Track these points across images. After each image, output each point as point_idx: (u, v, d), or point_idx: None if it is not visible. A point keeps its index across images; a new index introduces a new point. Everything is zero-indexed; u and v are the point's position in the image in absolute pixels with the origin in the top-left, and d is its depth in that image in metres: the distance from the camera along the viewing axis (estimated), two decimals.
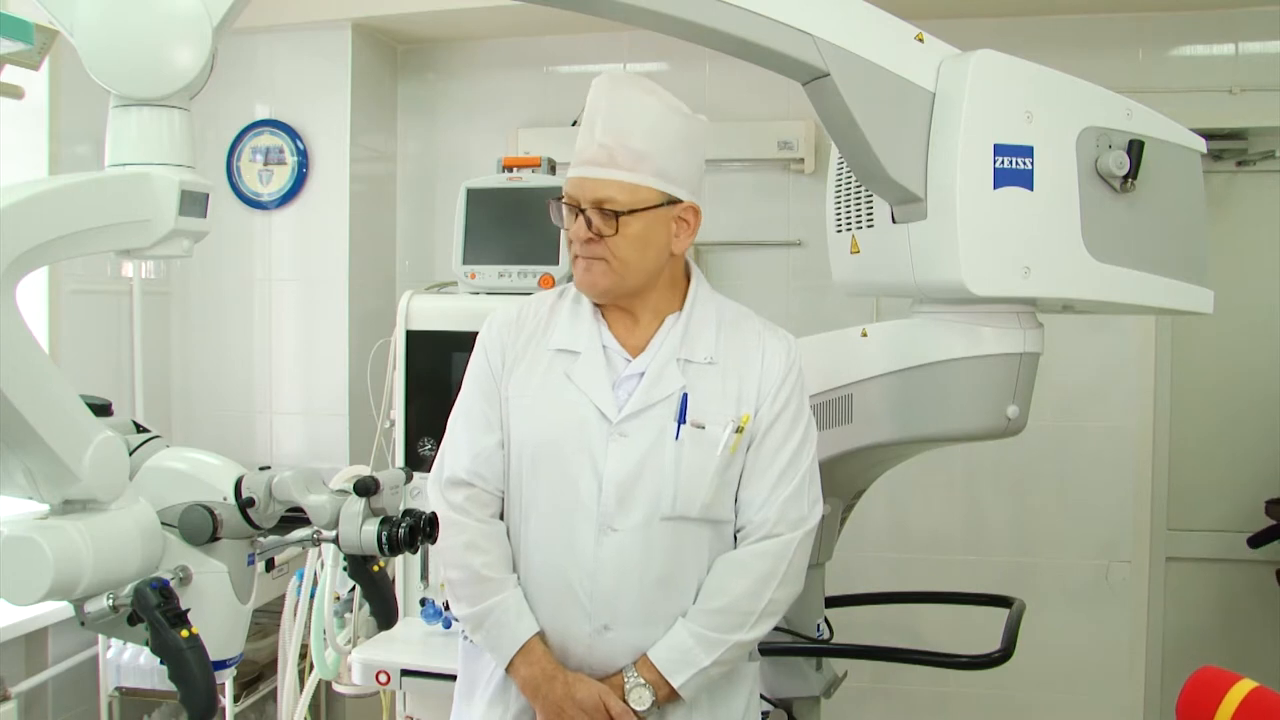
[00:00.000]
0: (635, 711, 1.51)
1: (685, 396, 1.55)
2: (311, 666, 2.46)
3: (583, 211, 1.54)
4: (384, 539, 1.22)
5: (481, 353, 1.68)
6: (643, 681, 1.52)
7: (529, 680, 1.55)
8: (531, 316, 1.67)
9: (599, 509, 1.53)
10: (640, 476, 1.53)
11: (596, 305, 1.64)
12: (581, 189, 1.55)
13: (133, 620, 1.10)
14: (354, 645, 2.38)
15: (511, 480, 1.62)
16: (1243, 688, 1.40)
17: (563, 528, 1.55)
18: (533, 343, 1.64)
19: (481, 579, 1.57)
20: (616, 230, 1.53)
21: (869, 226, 1.91)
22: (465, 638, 1.70)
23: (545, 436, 1.57)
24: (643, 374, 1.57)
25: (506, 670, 1.57)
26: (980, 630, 2.23)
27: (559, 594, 1.55)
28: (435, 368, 2.44)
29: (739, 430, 1.55)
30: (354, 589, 2.35)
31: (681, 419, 1.54)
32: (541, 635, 1.56)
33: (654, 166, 1.54)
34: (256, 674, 2.95)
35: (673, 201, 1.57)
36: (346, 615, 2.45)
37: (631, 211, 1.53)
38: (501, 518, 1.64)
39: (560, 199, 1.60)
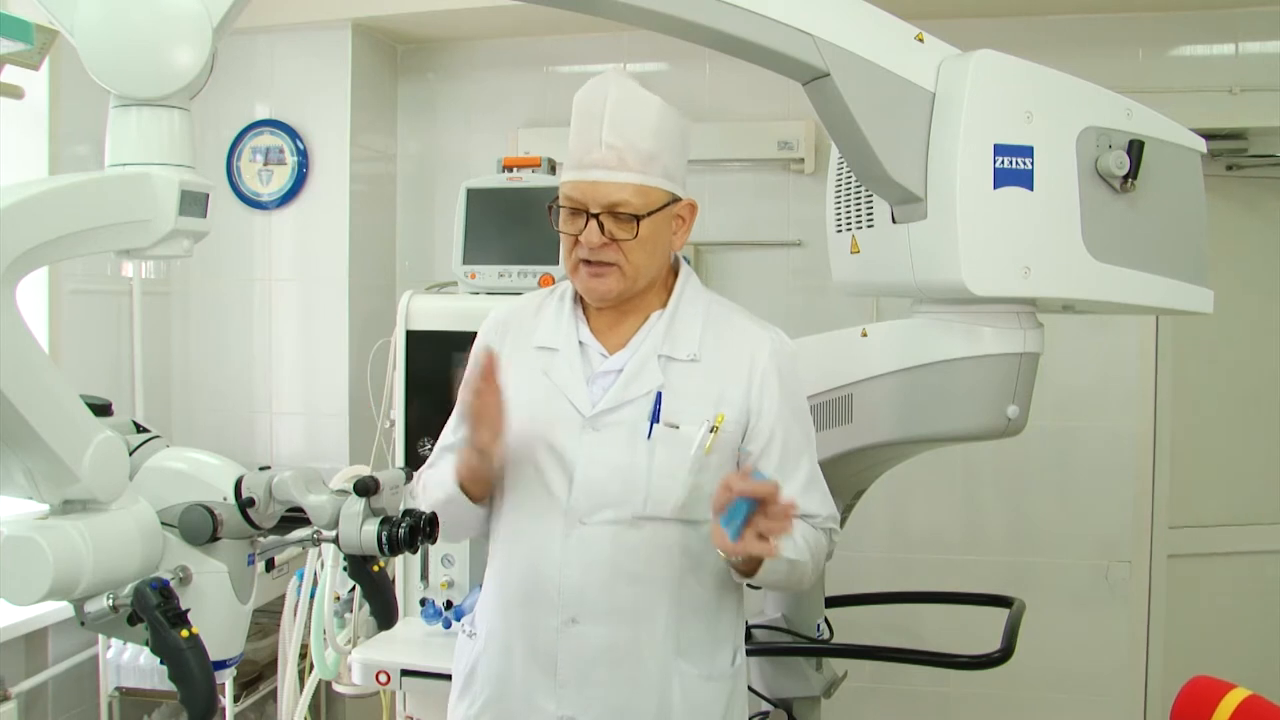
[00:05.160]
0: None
1: (659, 395, 1.54)
2: (311, 666, 2.46)
3: (594, 216, 1.51)
4: (384, 539, 1.22)
5: (475, 350, 1.67)
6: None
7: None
8: (517, 317, 1.67)
9: (569, 503, 1.53)
10: (611, 474, 1.53)
11: (577, 302, 1.63)
12: (592, 193, 1.51)
13: (133, 620, 1.10)
14: (354, 645, 2.38)
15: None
16: (1235, 696, 1.41)
17: (534, 520, 1.56)
18: (519, 342, 1.64)
19: (439, 481, 1.61)
20: (636, 234, 1.51)
21: (869, 226, 1.91)
22: (462, 630, 1.71)
23: (520, 432, 1.56)
24: (620, 370, 1.56)
25: (462, 485, 1.56)
26: (980, 630, 2.23)
27: (530, 586, 1.55)
28: (435, 368, 2.44)
29: (714, 430, 1.54)
30: (354, 589, 2.35)
31: (654, 418, 1.53)
32: None
33: (662, 167, 1.53)
34: (256, 674, 2.95)
35: (674, 200, 1.56)
36: (346, 615, 2.45)
37: (649, 214, 1.52)
38: None
39: (554, 203, 1.57)
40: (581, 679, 1.54)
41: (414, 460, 2.45)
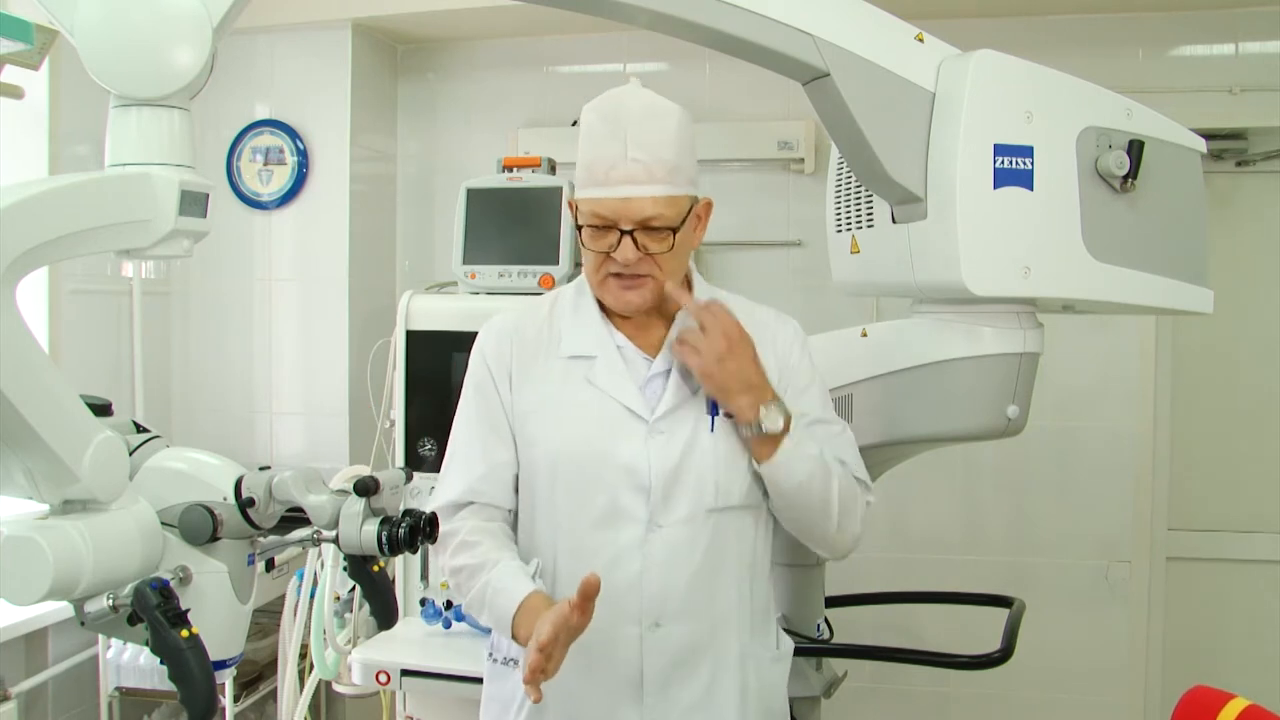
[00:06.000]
0: (765, 433, 1.50)
1: None
2: (311, 666, 2.46)
3: (628, 233, 1.49)
4: (384, 539, 1.22)
5: (481, 367, 1.63)
6: (775, 406, 1.51)
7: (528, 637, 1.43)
8: (531, 325, 1.63)
9: (647, 508, 1.52)
10: (683, 472, 1.52)
11: (602, 306, 1.61)
12: (624, 210, 1.48)
13: (133, 620, 1.10)
14: (354, 645, 2.38)
15: (535, 496, 1.59)
16: (1236, 706, 1.41)
17: (602, 533, 1.53)
18: (540, 353, 1.60)
19: (474, 568, 1.52)
20: (672, 246, 1.51)
21: (869, 226, 1.91)
22: (490, 657, 1.67)
23: (575, 445, 1.55)
24: (668, 371, 1.56)
25: (516, 640, 1.47)
26: (980, 630, 2.23)
27: (604, 599, 1.45)
28: (435, 368, 2.44)
29: None
30: (354, 589, 2.35)
31: (714, 410, 1.54)
32: (543, 595, 1.47)
33: (684, 175, 1.52)
34: (256, 674, 2.95)
35: (695, 201, 1.56)
36: (346, 615, 2.45)
37: (681, 224, 1.51)
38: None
39: (576, 219, 1.54)
40: (666, 681, 1.53)
41: (414, 460, 2.45)
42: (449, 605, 2.37)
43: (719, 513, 1.54)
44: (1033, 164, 1.67)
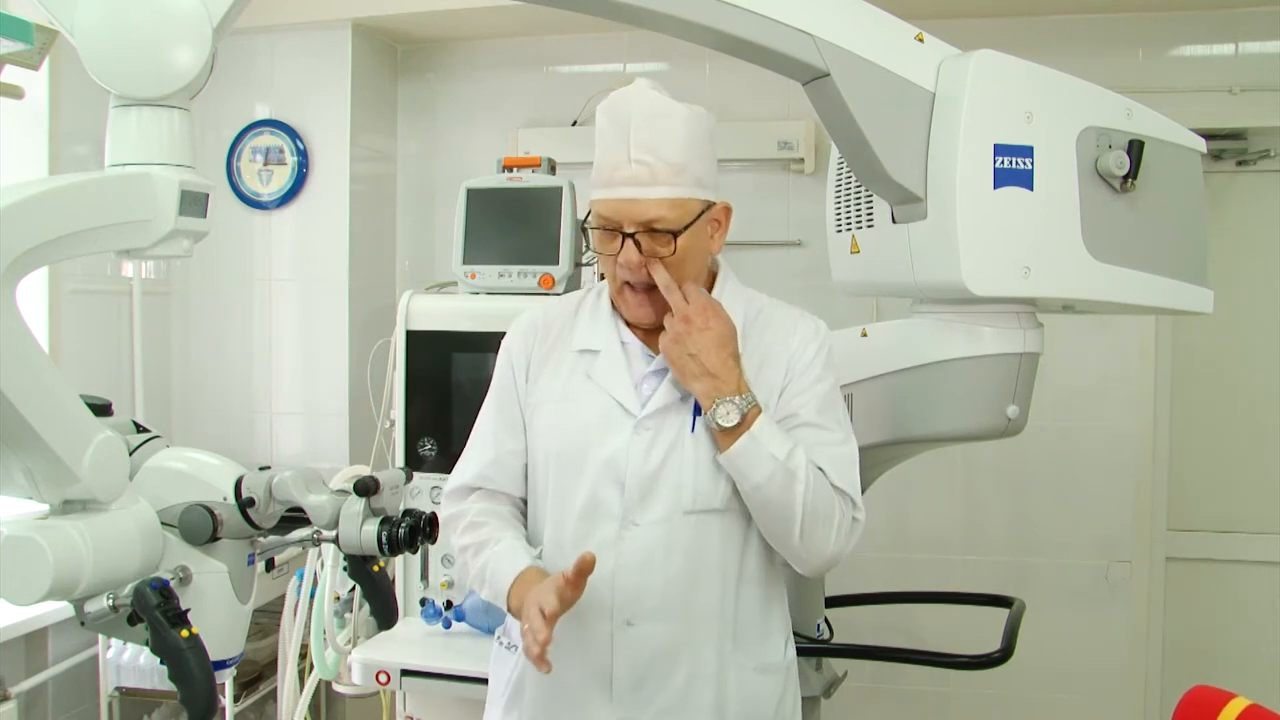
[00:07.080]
0: (721, 427, 1.46)
1: None
2: (311, 666, 2.46)
3: (630, 236, 1.48)
4: (384, 539, 1.22)
5: (505, 359, 1.66)
6: (734, 402, 1.47)
7: (519, 607, 1.46)
8: (555, 321, 1.65)
9: (622, 504, 1.52)
10: (661, 471, 1.52)
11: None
12: (626, 211, 1.47)
13: (133, 620, 1.10)
14: (354, 645, 2.38)
15: (536, 486, 1.61)
16: (1236, 705, 1.40)
17: (583, 525, 1.54)
18: (557, 347, 1.62)
19: (478, 545, 1.55)
20: (674, 250, 1.49)
21: (869, 226, 1.91)
22: (499, 641, 1.69)
23: (569, 438, 1.56)
24: (666, 369, 1.55)
25: (509, 611, 1.50)
26: (980, 630, 2.23)
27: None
28: (435, 368, 2.44)
29: None
30: (354, 589, 2.35)
31: (697, 412, 1.52)
32: (538, 569, 1.50)
33: (692, 176, 1.50)
34: (256, 674, 2.96)
35: (709, 206, 1.54)
36: (346, 615, 2.45)
37: (685, 228, 1.49)
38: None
39: (585, 223, 1.55)
40: (638, 681, 1.53)
41: (414, 460, 2.45)
42: (449, 605, 2.37)
43: (697, 515, 1.52)
44: (1033, 164, 1.67)
